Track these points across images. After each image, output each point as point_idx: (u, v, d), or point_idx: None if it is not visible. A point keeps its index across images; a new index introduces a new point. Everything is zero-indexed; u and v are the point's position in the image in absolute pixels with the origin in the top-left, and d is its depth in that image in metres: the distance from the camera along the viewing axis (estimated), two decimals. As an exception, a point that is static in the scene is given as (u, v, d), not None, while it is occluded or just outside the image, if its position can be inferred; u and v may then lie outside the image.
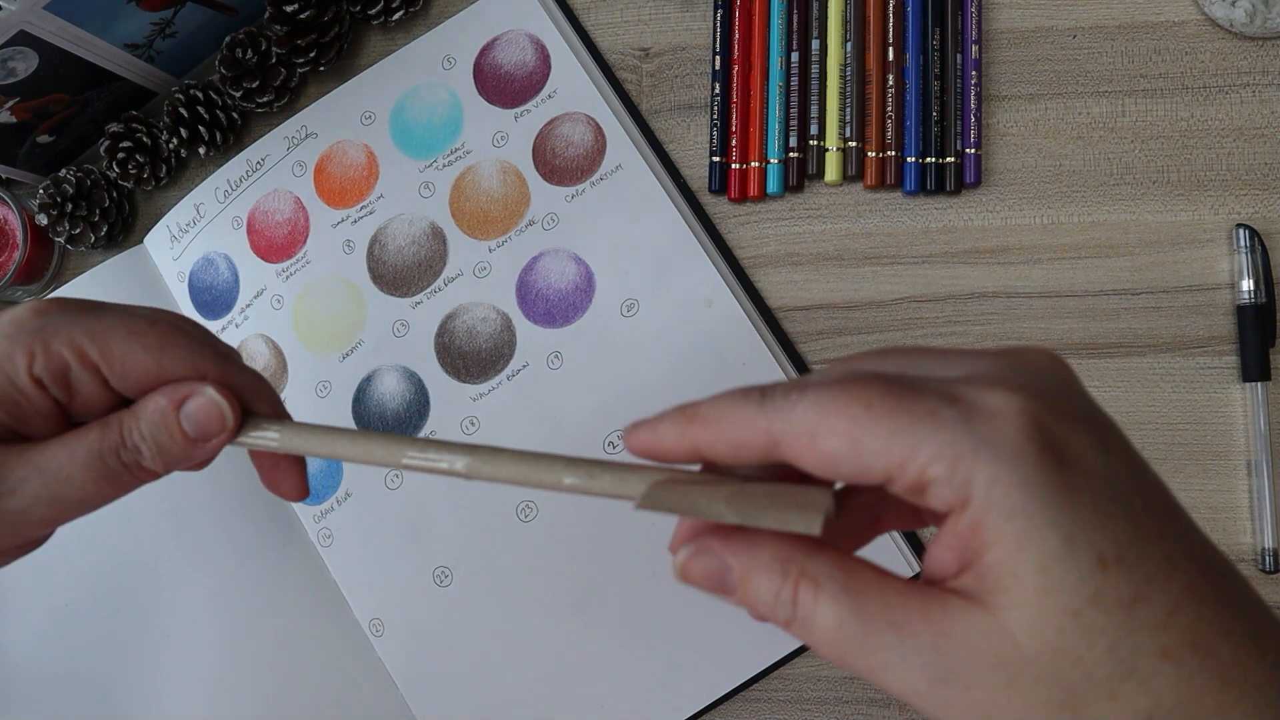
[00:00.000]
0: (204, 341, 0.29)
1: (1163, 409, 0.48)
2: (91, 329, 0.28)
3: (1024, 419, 0.20)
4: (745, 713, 0.49)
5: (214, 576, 0.53)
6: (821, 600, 0.21)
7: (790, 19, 0.52)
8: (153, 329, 0.28)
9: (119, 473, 0.29)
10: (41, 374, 0.27)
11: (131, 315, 0.29)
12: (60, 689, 0.53)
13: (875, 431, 0.20)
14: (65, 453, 0.28)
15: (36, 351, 0.27)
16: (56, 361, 0.27)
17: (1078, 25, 0.51)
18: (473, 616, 0.51)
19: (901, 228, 0.51)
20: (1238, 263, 0.48)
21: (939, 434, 0.19)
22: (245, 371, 0.30)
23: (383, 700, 0.51)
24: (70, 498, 0.29)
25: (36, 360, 0.27)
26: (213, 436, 0.29)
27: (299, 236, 0.56)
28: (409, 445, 0.27)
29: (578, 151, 0.53)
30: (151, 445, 0.29)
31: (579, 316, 0.52)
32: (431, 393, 0.53)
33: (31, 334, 0.27)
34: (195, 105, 0.56)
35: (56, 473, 0.28)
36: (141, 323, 0.28)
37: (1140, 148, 0.50)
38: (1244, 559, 0.47)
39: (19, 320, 0.28)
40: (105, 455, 0.28)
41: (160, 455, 0.29)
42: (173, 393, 0.29)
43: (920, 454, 0.20)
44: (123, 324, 0.28)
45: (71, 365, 0.28)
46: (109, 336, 0.28)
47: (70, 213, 0.56)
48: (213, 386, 0.29)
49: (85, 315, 0.28)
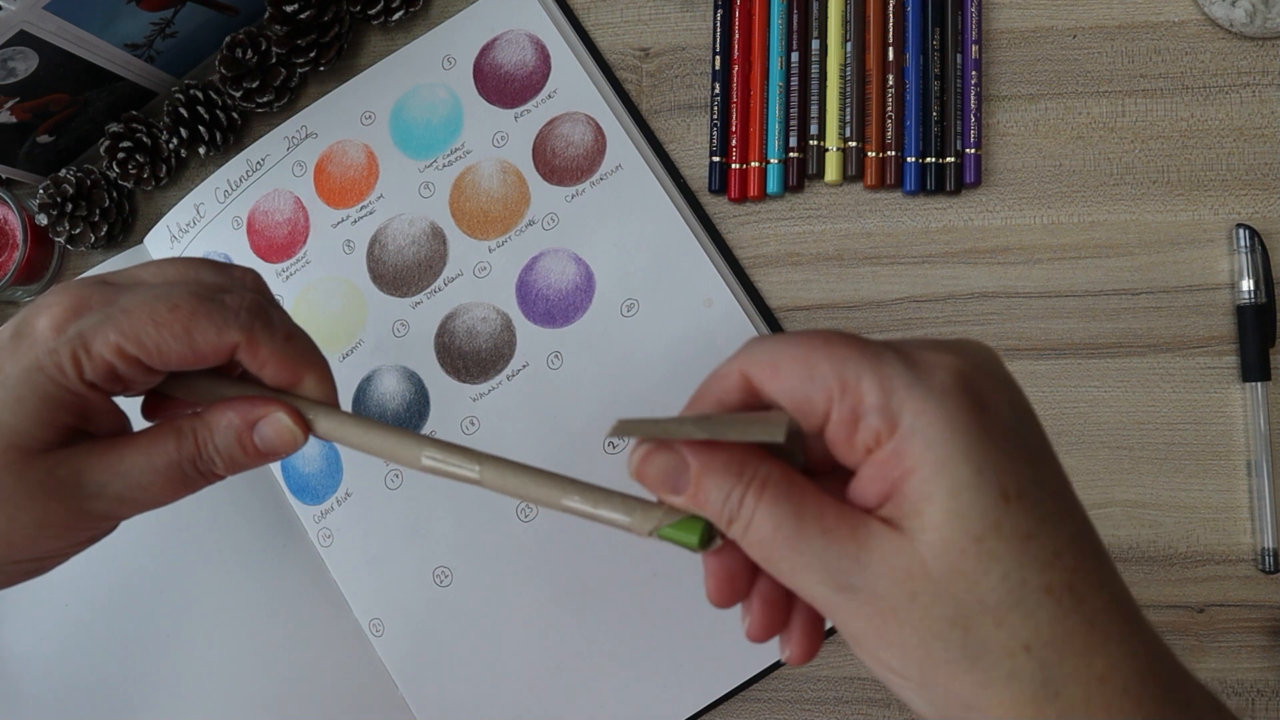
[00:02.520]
0: (229, 312, 0.30)
1: (1163, 409, 0.48)
2: (122, 327, 0.29)
3: (953, 372, 0.22)
4: (745, 713, 0.49)
5: (214, 577, 0.53)
6: (765, 502, 0.23)
7: (790, 19, 0.52)
8: (175, 315, 0.29)
9: (193, 479, 0.31)
10: (93, 378, 0.29)
11: (153, 302, 0.29)
12: (59, 689, 0.53)
13: (827, 359, 0.23)
14: (145, 460, 0.30)
15: (82, 359, 0.29)
16: (101, 364, 0.29)
17: (1078, 25, 0.51)
18: (473, 616, 0.51)
19: (901, 228, 0.51)
20: (1238, 263, 0.48)
21: (880, 368, 0.22)
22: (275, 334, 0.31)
23: (383, 700, 0.51)
24: (147, 499, 0.31)
25: (85, 368, 0.29)
26: (284, 452, 0.31)
27: (299, 236, 0.56)
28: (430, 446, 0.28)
29: (578, 151, 0.53)
30: (225, 458, 0.31)
31: (579, 316, 0.52)
32: (431, 393, 0.53)
33: (72, 342, 0.29)
34: (195, 105, 0.56)
35: (138, 479, 0.30)
36: (163, 309, 0.29)
37: (1140, 148, 0.50)
38: (1244, 559, 0.47)
39: (56, 328, 0.29)
40: (183, 464, 0.31)
41: (231, 465, 0.31)
42: (246, 412, 0.31)
43: (861, 383, 0.22)
44: (148, 316, 0.29)
45: (116, 364, 0.29)
46: (140, 332, 0.29)
47: (70, 213, 0.56)
48: (284, 410, 0.30)
49: (112, 310, 0.29)
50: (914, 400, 0.22)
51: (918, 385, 0.22)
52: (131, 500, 0.31)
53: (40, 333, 0.29)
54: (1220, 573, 0.47)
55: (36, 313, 0.30)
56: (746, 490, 0.23)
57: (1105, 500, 0.48)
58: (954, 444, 0.21)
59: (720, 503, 0.24)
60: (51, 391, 0.29)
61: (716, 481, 0.24)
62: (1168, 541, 0.48)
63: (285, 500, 0.54)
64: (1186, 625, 0.47)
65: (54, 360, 0.29)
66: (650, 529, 0.25)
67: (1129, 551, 0.48)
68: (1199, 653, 0.47)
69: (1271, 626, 0.47)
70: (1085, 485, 0.48)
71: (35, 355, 0.29)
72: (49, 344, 0.29)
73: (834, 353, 0.23)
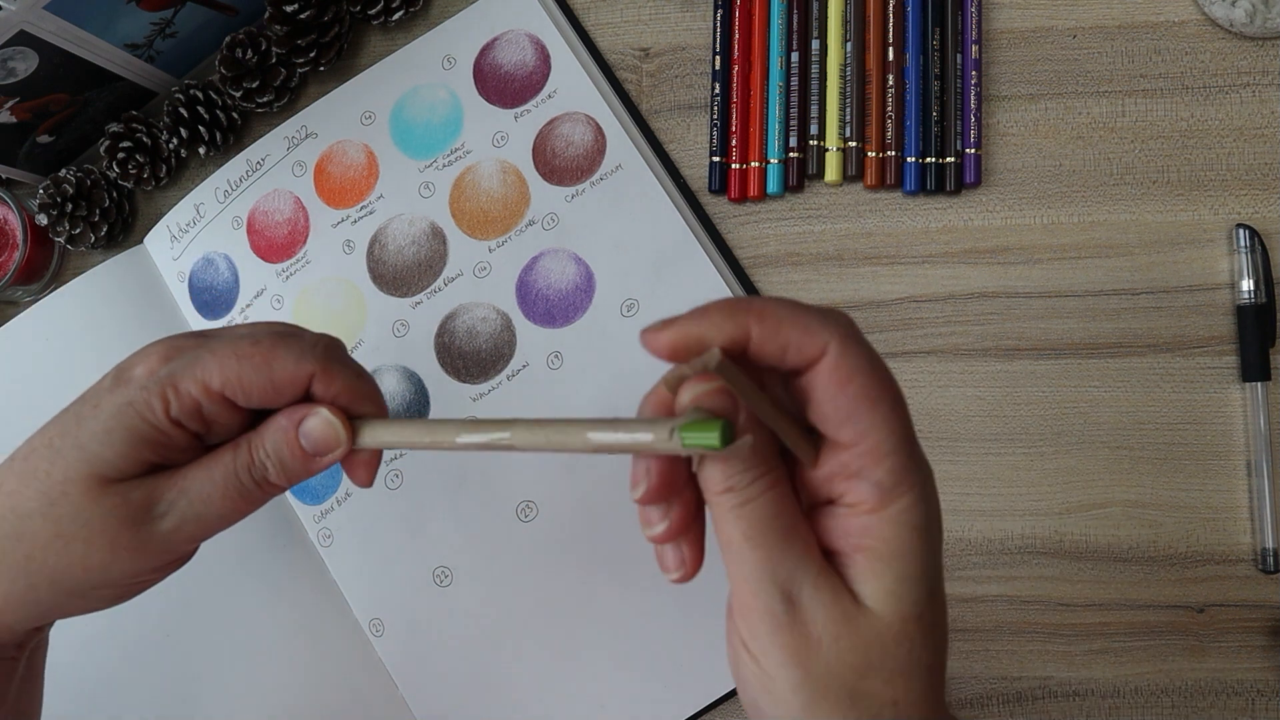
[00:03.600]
0: (306, 345, 0.32)
1: (1163, 409, 0.48)
2: (208, 365, 0.31)
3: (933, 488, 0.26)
4: (745, 713, 0.49)
5: (214, 576, 0.53)
6: (775, 493, 0.25)
7: (790, 19, 0.52)
8: (256, 348, 0.32)
9: (250, 489, 0.33)
10: (179, 415, 0.31)
11: (237, 340, 0.32)
12: (58, 689, 0.53)
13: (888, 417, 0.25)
14: (205, 474, 0.32)
15: (170, 397, 0.31)
16: (188, 401, 0.31)
17: (1078, 25, 0.51)
18: (473, 616, 0.51)
19: (901, 228, 0.51)
20: (1238, 263, 0.48)
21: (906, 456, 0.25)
22: (348, 368, 0.33)
23: (383, 700, 0.51)
24: (212, 515, 0.32)
25: (172, 405, 0.31)
26: (328, 451, 0.32)
27: (299, 236, 0.56)
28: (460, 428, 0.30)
29: (578, 151, 0.53)
30: (275, 461, 0.32)
31: (579, 316, 0.52)
32: (431, 393, 0.53)
33: (162, 382, 0.31)
34: (195, 105, 0.56)
35: (199, 493, 0.32)
36: (245, 344, 0.32)
37: (1140, 148, 0.50)
38: (1244, 559, 0.47)
39: (150, 370, 0.32)
40: (239, 473, 0.32)
41: (283, 470, 0.33)
42: (293, 413, 0.32)
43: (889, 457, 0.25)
44: (231, 351, 0.31)
45: (202, 402, 0.31)
46: (224, 367, 0.31)
47: (70, 213, 0.56)
48: (327, 408, 0.32)
49: (200, 351, 0.32)
50: (909, 499, 0.25)
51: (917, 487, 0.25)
52: (196, 517, 0.32)
53: (136, 375, 0.32)
54: (1220, 573, 0.47)
55: (136, 359, 0.33)
56: (764, 475, 0.25)
57: (1105, 500, 0.48)
58: (915, 544, 0.25)
59: (736, 470, 0.25)
60: (139, 427, 0.31)
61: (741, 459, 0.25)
62: (1168, 541, 0.48)
63: (285, 500, 0.54)
64: (1186, 625, 0.47)
65: (144, 397, 0.31)
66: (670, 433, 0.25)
67: (1129, 551, 0.48)
68: (1199, 653, 0.47)
69: (1271, 626, 0.47)
70: (1085, 485, 0.48)
71: (129, 394, 0.31)
72: (142, 383, 0.31)
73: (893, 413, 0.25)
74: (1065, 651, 0.48)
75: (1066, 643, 0.48)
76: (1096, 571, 0.48)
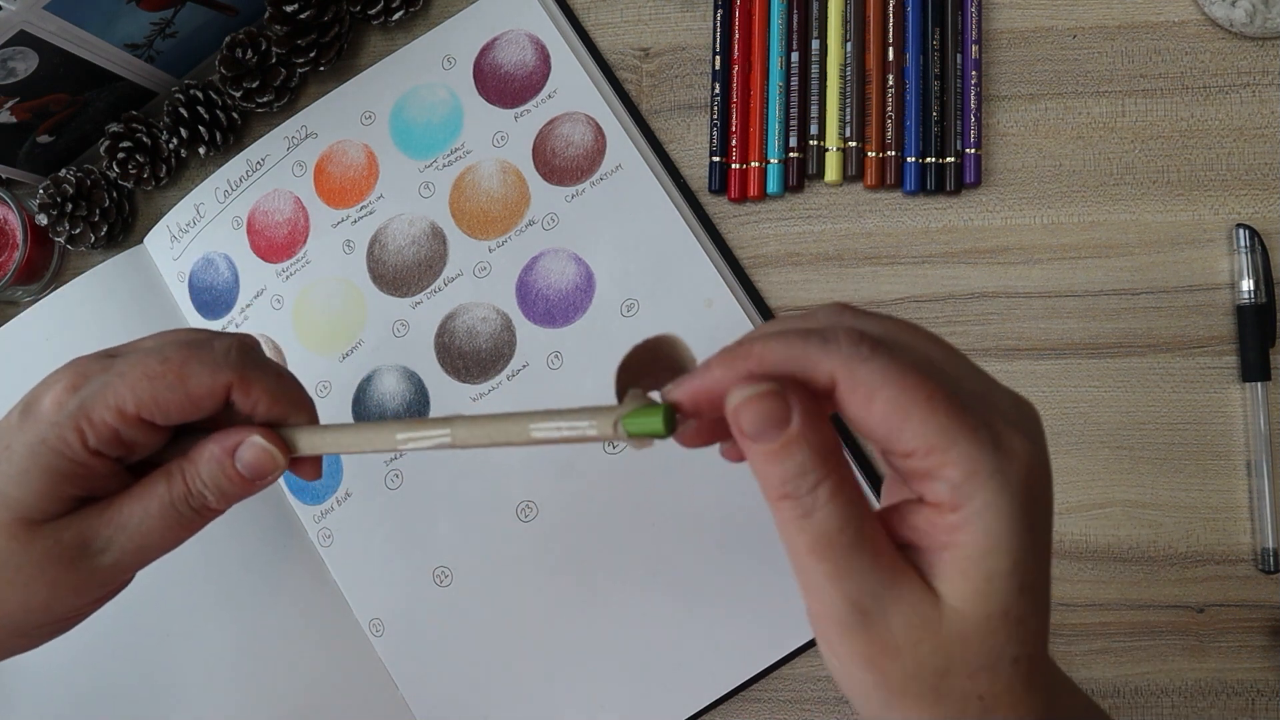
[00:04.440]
0: (218, 354, 0.31)
1: (1163, 409, 0.48)
2: (118, 389, 0.30)
3: (1025, 466, 0.24)
4: (745, 713, 0.49)
5: (214, 576, 0.53)
6: (840, 500, 0.24)
7: (790, 19, 0.52)
8: (166, 366, 0.31)
9: (190, 517, 0.32)
10: (98, 446, 0.30)
11: (145, 358, 0.31)
12: (58, 689, 0.53)
13: (927, 418, 0.23)
14: (141, 507, 0.31)
15: (85, 428, 0.30)
16: (104, 430, 0.30)
17: (1078, 25, 0.51)
18: (473, 616, 0.51)
19: (901, 228, 0.51)
20: (1238, 263, 0.48)
21: (972, 446, 0.23)
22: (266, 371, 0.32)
23: (383, 700, 0.51)
24: (151, 545, 0.32)
25: (89, 436, 0.30)
26: (267, 474, 0.32)
27: (299, 236, 0.56)
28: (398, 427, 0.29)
29: (578, 151, 0.53)
30: (214, 489, 0.32)
31: (579, 316, 0.52)
32: (431, 393, 0.53)
33: (74, 415, 0.30)
34: (195, 105, 0.56)
35: (138, 527, 0.31)
36: (154, 363, 0.31)
37: (1140, 148, 0.50)
38: (1244, 559, 0.47)
39: (58, 403, 0.31)
40: (176, 504, 0.32)
41: (222, 496, 0.32)
42: (224, 440, 0.32)
43: (950, 453, 0.23)
44: (141, 371, 0.30)
45: (119, 427, 0.30)
46: (136, 389, 0.30)
47: (70, 213, 0.56)
48: (259, 433, 0.31)
49: (108, 375, 0.31)
50: (988, 492, 0.23)
51: (997, 476, 0.23)
52: (135, 549, 0.32)
53: (45, 409, 0.31)
54: (1220, 573, 0.47)
55: (42, 390, 0.31)
56: (825, 479, 0.24)
57: (1105, 500, 0.48)
58: (1003, 538, 0.23)
59: (793, 474, 0.24)
60: (56, 464, 0.30)
61: (805, 453, 0.24)
62: (1168, 541, 0.48)
63: (285, 500, 0.54)
64: (1186, 625, 0.47)
65: (57, 433, 0.30)
66: (613, 423, 0.24)
67: (1129, 551, 0.48)
68: (1199, 653, 0.47)
69: (1271, 626, 0.47)
70: (1085, 485, 0.48)
71: (39, 430, 0.30)
72: (52, 418, 0.30)
73: (935, 415, 0.23)
74: (1065, 651, 0.48)
75: (1066, 643, 0.48)
76: (1096, 571, 0.48)
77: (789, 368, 0.24)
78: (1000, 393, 0.25)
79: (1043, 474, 0.24)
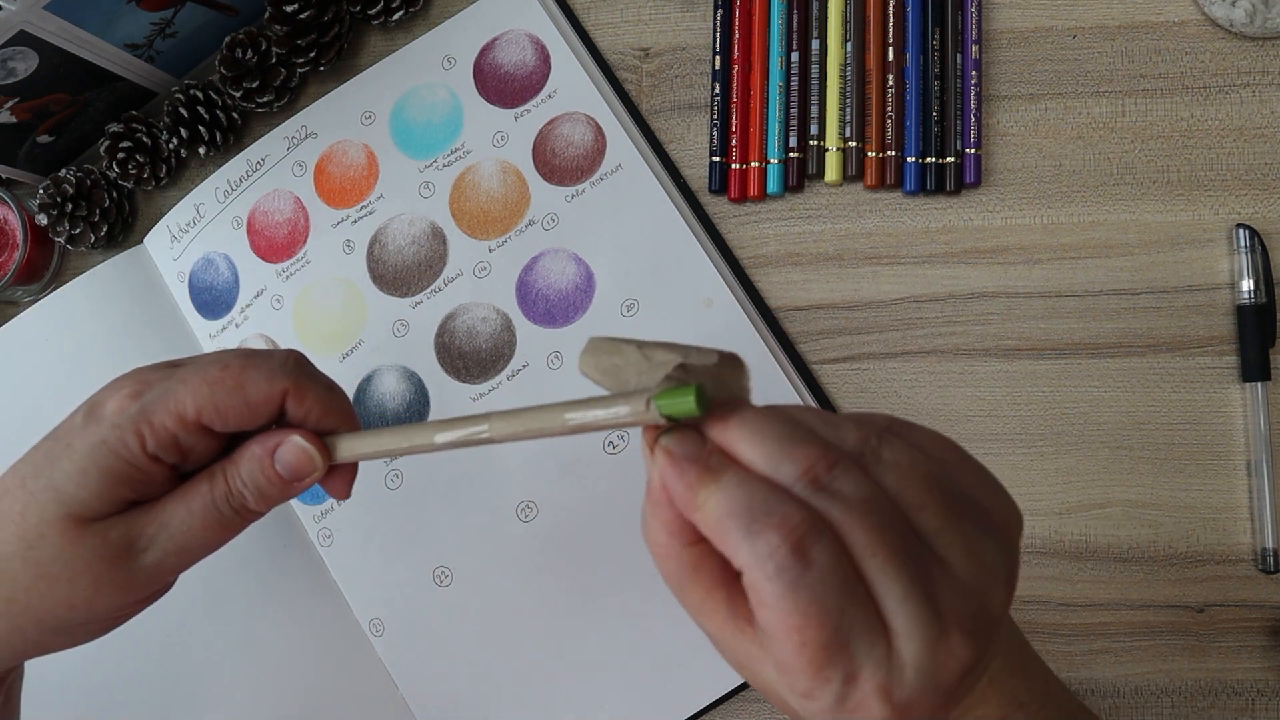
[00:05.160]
0: (275, 363, 0.32)
1: (1163, 409, 0.48)
2: (180, 395, 0.31)
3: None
4: (745, 713, 0.49)
5: (214, 577, 0.53)
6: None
7: (790, 19, 0.52)
8: (226, 372, 0.31)
9: (230, 518, 0.33)
10: (156, 450, 0.31)
11: (206, 366, 0.32)
12: (58, 689, 0.53)
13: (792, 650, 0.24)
14: (184, 508, 0.32)
15: (145, 432, 0.31)
16: (164, 434, 0.31)
17: (1078, 25, 0.51)
18: (473, 616, 0.51)
19: (901, 228, 0.51)
20: (1238, 263, 0.48)
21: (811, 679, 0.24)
22: (319, 383, 0.33)
23: (383, 700, 0.51)
24: (193, 546, 0.33)
25: (148, 440, 0.31)
26: (305, 476, 0.32)
27: (299, 236, 0.56)
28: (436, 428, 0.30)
29: (578, 151, 0.53)
30: (253, 489, 0.33)
31: (579, 316, 0.52)
32: (431, 393, 0.53)
33: (135, 418, 0.31)
34: (195, 105, 0.56)
35: (179, 526, 0.32)
36: (215, 370, 0.32)
37: (1140, 148, 0.50)
38: (1244, 559, 0.47)
39: (120, 408, 0.31)
40: (218, 504, 0.32)
41: (261, 497, 0.33)
42: (266, 441, 0.32)
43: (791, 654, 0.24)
44: (201, 378, 0.31)
45: (178, 433, 0.31)
46: (197, 394, 0.31)
47: (70, 213, 0.56)
48: (300, 434, 0.32)
49: (170, 383, 0.31)
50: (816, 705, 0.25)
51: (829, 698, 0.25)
52: (178, 550, 0.32)
53: (108, 412, 0.31)
54: (1220, 573, 0.47)
55: (106, 395, 0.32)
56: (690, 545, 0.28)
57: (1105, 500, 0.48)
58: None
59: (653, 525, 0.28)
60: (115, 466, 0.31)
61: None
62: (1168, 541, 0.48)
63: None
64: (1186, 625, 0.47)
65: (118, 435, 0.31)
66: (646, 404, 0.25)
67: (1129, 551, 0.48)
68: (1199, 653, 0.47)
69: (1271, 626, 0.47)
70: (1085, 485, 0.48)
71: (101, 432, 0.31)
72: (114, 420, 0.31)
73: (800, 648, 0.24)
74: (1065, 651, 0.48)
75: (1066, 643, 0.48)
76: (1096, 571, 0.48)
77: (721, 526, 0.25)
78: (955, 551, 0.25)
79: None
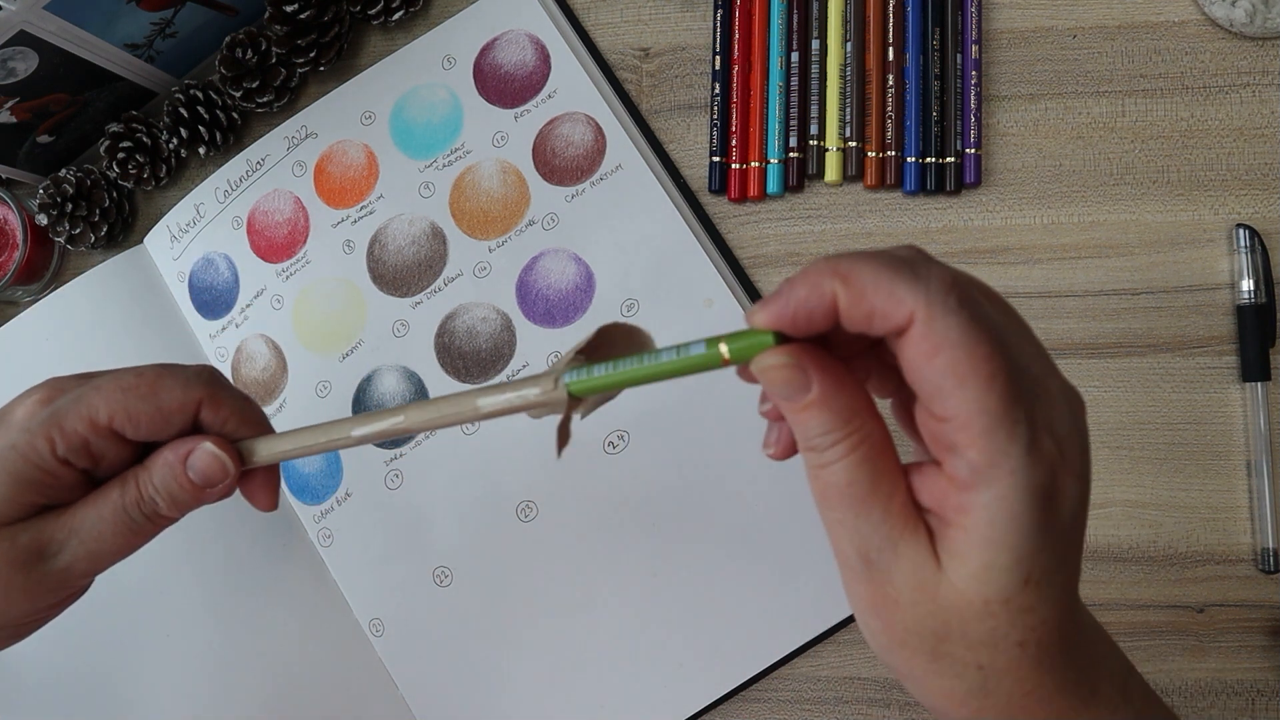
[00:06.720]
0: (190, 374, 0.33)
1: (1163, 409, 0.48)
2: (91, 400, 0.31)
3: (1053, 473, 0.24)
4: (745, 713, 0.49)
5: (214, 577, 0.53)
6: (853, 459, 0.25)
7: (790, 19, 0.52)
8: (141, 379, 0.32)
9: (141, 523, 0.33)
10: (66, 454, 0.31)
11: (120, 374, 0.32)
12: (58, 690, 0.53)
13: (980, 394, 0.23)
14: (95, 513, 0.32)
15: (55, 436, 0.31)
16: (75, 439, 0.31)
17: (1078, 25, 0.51)
18: (473, 616, 0.51)
19: (901, 228, 0.51)
20: (1238, 263, 0.48)
21: (1005, 438, 0.23)
22: (233, 393, 0.33)
23: (383, 700, 0.51)
24: (105, 551, 0.32)
25: (58, 444, 0.31)
26: (218, 482, 0.32)
27: (299, 236, 0.56)
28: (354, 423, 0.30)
29: (578, 151, 0.53)
30: (165, 496, 0.32)
31: (579, 316, 0.52)
32: (431, 393, 0.53)
33: (45, 422, 0.31)
34: (195, 105, 0.56)
35: (90, 531, 0.32)
36: (129, 377, 0.32)
37: (1140, 148, 0.50)
38: (1244, 559, 0.47)
39: (30, 413, 0.31)
40: (128, 509, 0.32)
41: (174, 503, 0.33)
42: (179, 448, 0.32)
43: (982, 436, 0.23)
44: (115, 384, 0.31)
45: (89, 437, 0.31)
46: (110, 400, 0.31)
47: (70, 213, 0.56)
48: (212, 440, 0.32)
49: (84, 389, 0.31)
50: (1003, 486, 0.23)
51: (1017, 474, 0.23)
52: (88, 555, 0.32)
53: (18, 418, 0.32)
54: (1220, 573, 0.47)
55: (17, 402, 0.32)
56: (843, 439, 0.25)
57: (1105, 500, 0.48)
58: (1008, 534, 0.23)
59: (816, 433, 0.25)
60: (24, 470, 0.31)
61: (825, 416, 0.25)
62: (1168, 541, 0.48)
63: (285, 501, 0.54)
64: (1186, 625, 0.47)
65: (27, 439, 0.31)
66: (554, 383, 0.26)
67: (1129, 551, 0.48)
68: (1199, 653, 0.47)
69: (1271, 626, 0.47)
70: (1085, 485, 0.48)
71: (11, 437, 0.31)
72: (24, 425, 0.31)
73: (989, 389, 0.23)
74: (1065, 651, 0.48)
75: (1066, 643, 0.48)
76: (1096, 571, 0.48)
77: (870, 296, 0.23)
78: (1055, 382, 0.25)
79: (1069, 478, 0.24)
